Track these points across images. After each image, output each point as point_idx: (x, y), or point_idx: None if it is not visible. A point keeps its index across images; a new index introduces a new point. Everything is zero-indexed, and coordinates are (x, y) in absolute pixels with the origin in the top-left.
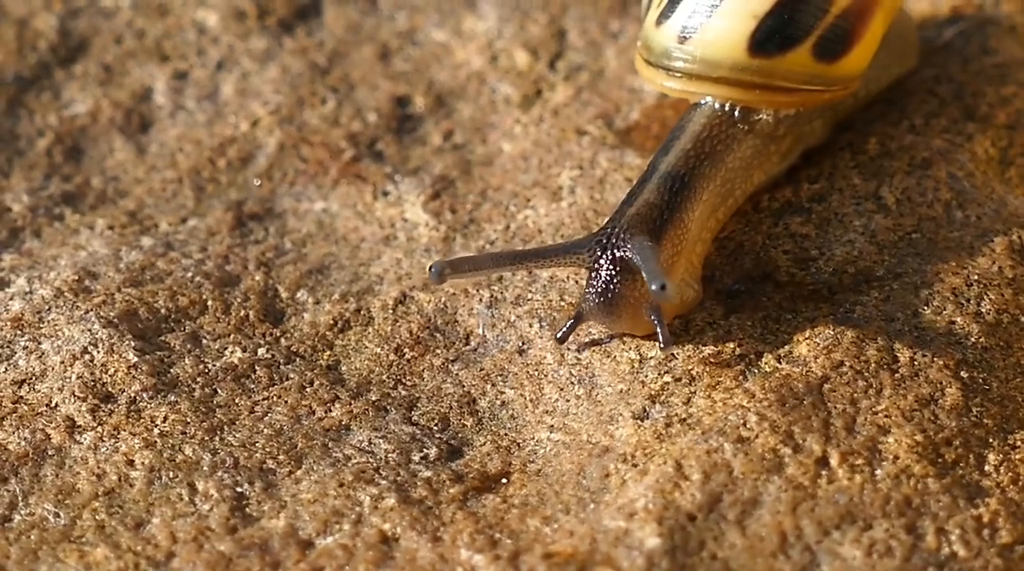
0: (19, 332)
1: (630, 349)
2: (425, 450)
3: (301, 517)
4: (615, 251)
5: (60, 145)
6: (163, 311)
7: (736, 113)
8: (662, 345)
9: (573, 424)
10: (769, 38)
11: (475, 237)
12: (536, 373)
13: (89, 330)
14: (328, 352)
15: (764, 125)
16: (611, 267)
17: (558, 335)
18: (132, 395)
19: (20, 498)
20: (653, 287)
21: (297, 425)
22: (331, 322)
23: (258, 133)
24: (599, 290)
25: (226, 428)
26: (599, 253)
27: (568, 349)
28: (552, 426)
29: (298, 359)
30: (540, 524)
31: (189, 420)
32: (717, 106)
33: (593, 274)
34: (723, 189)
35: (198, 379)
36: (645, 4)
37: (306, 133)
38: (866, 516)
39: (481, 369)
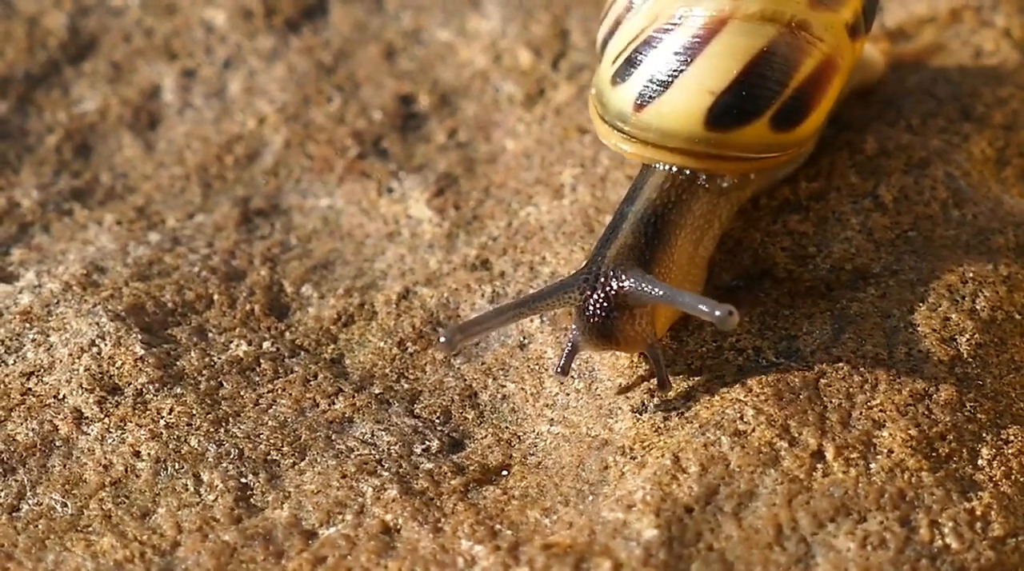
0: (28, 325)
1: None
2: (427, 442)
3: (304, 508)
4: (608, 288)
5: (69, 142)
6: (170, 305)
7: (698, 174)
8: (659, 387)
9: (573, 417)
10: (726, 113)
11: (478, 233)
12: (537, 367)
13: (97, 323)
14: (332, 346)
15: (727, 181)
16: (606, 302)
17: (560, 366)
18: (139, 387)
19: (28, 488)
20: (717, 313)
21: (301, 417)
22: (335, 316)
23: (265, 131)
24: (599, 325)
25: (231, 420)
26: (589, 291)
27: (569, 343)
28: (552, 419)
29: (302, 352)
30: (540, 515)
31: (195, 412)
32: (675, 169)
33: (586, 312)
34: (696, 235)
35: (204, 372)
36: (599, 44)
37: (312, 131)
38: (860, 509)
39: (482, 363)
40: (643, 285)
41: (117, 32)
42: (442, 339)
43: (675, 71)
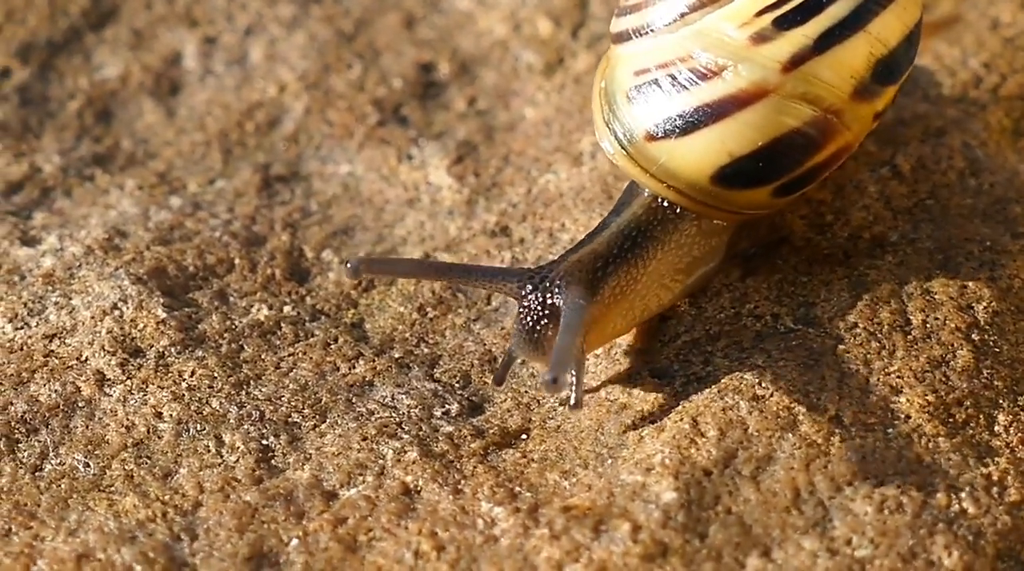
0: (50, 288)
1: None
2: (447, 406)
3: (325, 469)
4: (547, 296)
5: (91, 108)
6: (191, 269)
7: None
8: (572, 404)
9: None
10: (736, 175)
11: (497, 200)
12: None
13: (119, 286)
14: (352, 310)
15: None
16: (540, 309)
17: (495, 377)
18: (160, 350)
19: (51, 448)
20: (546, 377)
21: (321, 380)
22: (355, 281)
23: (285, 98)
24: (527, 329)
25: (252, 383)
26: (529, 289)
27: (508, 351)
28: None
29: (323, 317)
30: (559, 478)
31: (216, 374)
32: (666, 203)
33: (521, 311)
34: (677, 255)
35: (225, 335)
36: (618, 30)
37: (332, 98)
38: (878, 473)
39: (502, 328)
40: (567, 310)
41: None
42: (348, 265)
43: (701, 122)
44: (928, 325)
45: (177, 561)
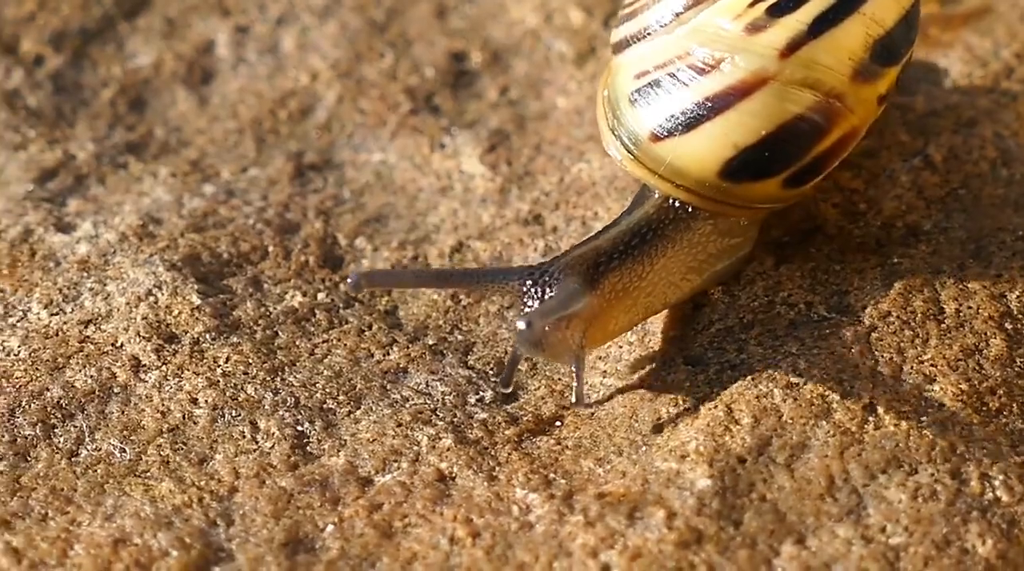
0: (85, 274)
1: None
2: (481, 393)
3: (360, 455)
4: (546, 290)
5: (124, 96)
6: (225, 256)
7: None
8: (573, 400)
9: (626, 369)
10: (743, 168)
11: (530, 189)
12: None
13: (153, 273)
14: (386, 297)
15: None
16: (538, 304)
17: (502, 379)
18: (195, 336)
19: (87, 433)
20: (520, 325)
21: (356, 367)
22: (389, 269)
23: (318, 86)
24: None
25: (287, 369)
26: (530, 285)
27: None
28: (605, 371)
29: (356, 304)
30: (593, 465)
31: (251, 361)
32: (677, 204)
33: (522, 307)
34: (690, 256)
35: (259, 321)
36: (617, 39)
37: (364, 87)
38: (912, 461)
39: None
40: (560, 288)
41: None
42: (349, 279)
43: (703, 116)
44: (961, 314)
45: (213, 546)
